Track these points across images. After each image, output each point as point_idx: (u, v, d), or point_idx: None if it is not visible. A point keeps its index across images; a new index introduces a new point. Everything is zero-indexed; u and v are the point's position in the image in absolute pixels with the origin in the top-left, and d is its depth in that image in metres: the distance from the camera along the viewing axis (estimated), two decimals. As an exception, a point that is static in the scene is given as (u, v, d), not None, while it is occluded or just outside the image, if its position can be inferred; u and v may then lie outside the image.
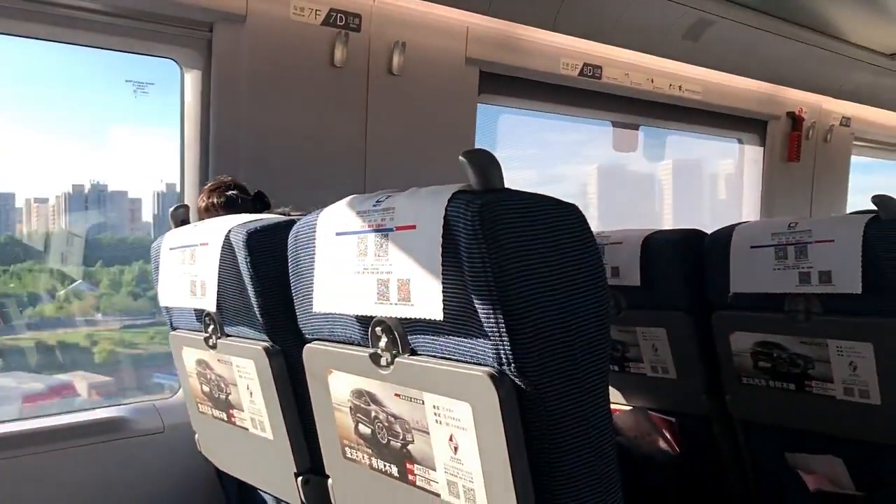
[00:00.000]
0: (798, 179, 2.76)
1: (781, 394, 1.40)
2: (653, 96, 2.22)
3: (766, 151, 2.67)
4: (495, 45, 1.80)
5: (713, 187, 2.93)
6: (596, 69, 2.01)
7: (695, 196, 2.89)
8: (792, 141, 2.65)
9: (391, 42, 1.61)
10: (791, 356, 1.38)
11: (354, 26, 1.56)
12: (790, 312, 1.36)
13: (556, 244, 0.69)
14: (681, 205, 2.81)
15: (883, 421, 1.28)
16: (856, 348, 1.29)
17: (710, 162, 2.91)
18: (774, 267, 1.37)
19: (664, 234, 1.57)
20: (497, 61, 1.83)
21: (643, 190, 2.84)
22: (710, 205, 2.93)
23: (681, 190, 2.81)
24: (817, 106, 2.73)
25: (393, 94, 1.64)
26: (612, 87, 2.09)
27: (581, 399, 0.70)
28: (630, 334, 1.63)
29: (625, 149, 2.34)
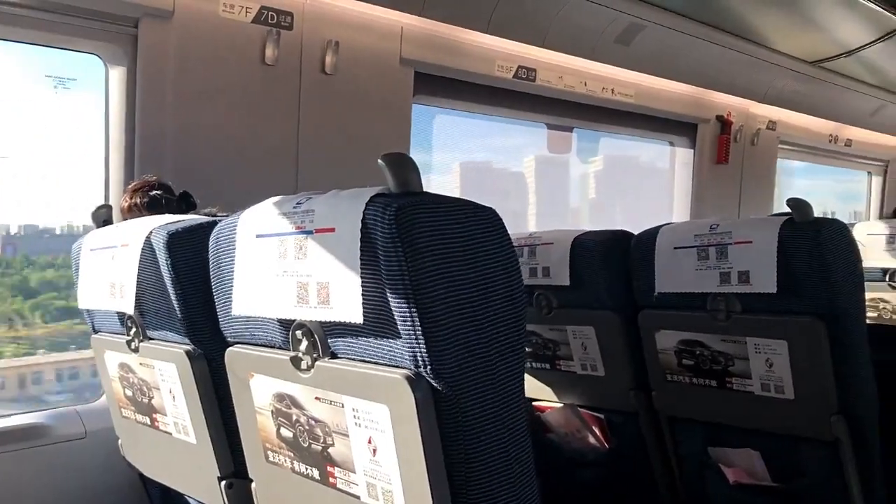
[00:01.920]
0: (727, 181, 2.85)
1: (704, 390, 1.45)
2: (586, 99, 2.26)
3: (697, 153, 2.75)
4: (430, 45, 1.80)
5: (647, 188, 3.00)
6: (530, 72, 2.04)
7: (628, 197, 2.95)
8: (721, 143, 2.74)
9: (324, 41, 1.60)
10: (713, 353, 1.43)
11: (286, 24, 1.54)
12: (712, 311, 1.41)
13: (473, 248, 0.70)
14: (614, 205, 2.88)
15: (796, 415, 1.34)
16: (771, 346, 1.34)
17: (643, 163, 2.98)
18: (697, 267, 1.41)
19: (593, 234, 1.60)
20: (432, 62, 1.83)
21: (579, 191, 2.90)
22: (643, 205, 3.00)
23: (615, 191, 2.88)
24: (745, 110, 2.82)
25: (326, 94, 1.63)
26: (547, 89, 2.12)
27: (496, 401, 0.71)
28: (561, 333, 1.66)
29: (559, 151, 2.38)
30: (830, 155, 3.62)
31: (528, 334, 1.72)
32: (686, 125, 2.70)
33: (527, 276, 1.67)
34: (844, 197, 4.44)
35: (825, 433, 1.31)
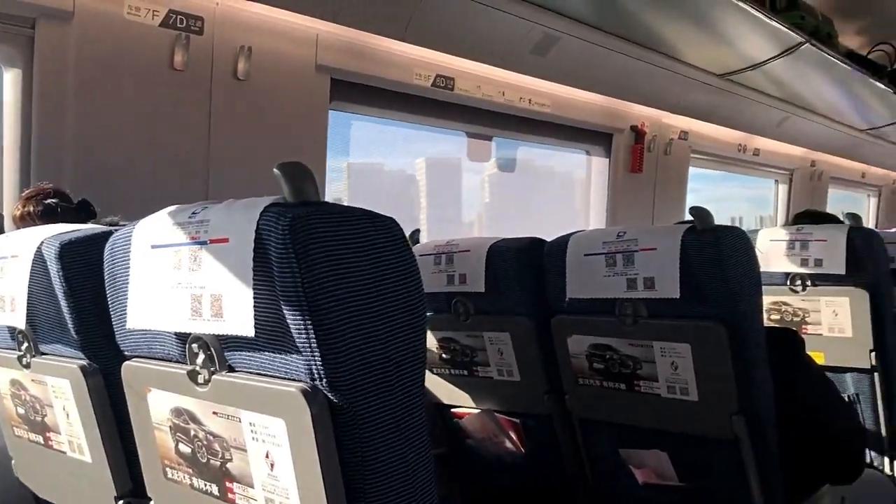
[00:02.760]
0: (641, 189, 2.94)
1: (614, 393, 1.49)
2: (504, 108, 2.29)
3: (612, 163, 2.82)
4: (347, 52, 1.80)
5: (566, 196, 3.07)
6: (449, 81, 2.06)
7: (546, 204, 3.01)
8: (635, 153, 2.82)
9: (236, 47, 1.57)
10: (622, 357, 1.47)
11: (196, 29, 1.50)
12: (620, 316, 1.45)
13: (371, 258, 0.70)
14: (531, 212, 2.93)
15: (700, 415, 1.39)
16: (676, 349, 1.39)
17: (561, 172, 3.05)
18: (605, 273, 1.45)
19: (508, 242, 1.62)
20: (349, 69, 1.82)
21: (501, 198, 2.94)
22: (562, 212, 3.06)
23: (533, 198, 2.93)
24: (658, 120, 2.92)
25: (239, 100, 1.60)
26: (465, 98, 2.14)
27: (395, 412, 0.71)
28: (478, 339, 1.68)
29: (478, 159, 2.40)
30: (739, 164, 3.78)
31: (445, 341, 1.73)
32: (601, 135, 2.77)
33: (444, 283, 1.68)
34: (762, 203, 4.65)
35: (726, 432, 1.36)
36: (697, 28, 2.39)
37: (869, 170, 5.22)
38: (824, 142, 4.10)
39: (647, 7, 2.16)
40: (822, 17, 2.86)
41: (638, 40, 2.38)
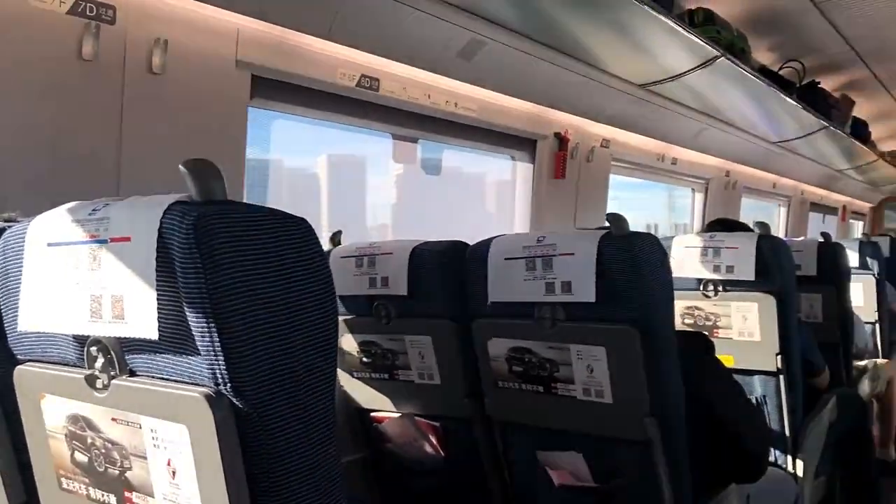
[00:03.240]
0: (564, 195, 2.99)
1: (532, 395, 1.51)
2: (430, 111, 2.29)
3: (536, 168, 2.86)
4: (269, 49, 1.76)
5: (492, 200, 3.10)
6: (374, 81, 2.04)
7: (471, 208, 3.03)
8: (558, 160, 2.87)
9: (151, 39, 1.51)
10: (540, 360, 1.48)
11: (108, 18, 1.44)
12: (539, 320, 1.46)
13: (280, 259, 0.68)
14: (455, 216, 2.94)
15: (614, 418, 1.42)
16: (592, 352, 1.42)
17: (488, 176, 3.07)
18: (525, 277, 1.46)
19: (431, 245, 1.62)
20: (271, 66, 1.78)
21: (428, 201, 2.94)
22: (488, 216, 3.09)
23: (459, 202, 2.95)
24: (581, 128, 2.98)
25: (153, 94, 1.54)
26: (390, 99, 2.13)
27: (304, 419, 0.69)
28: (399, 343, 1.67)
29: (404, 161, 2.40)
30: (659, 172, 3.90)
31: (366, 344, 1.71)
32: (526, 141, 2.81)
33: (366, 285, 1.67)
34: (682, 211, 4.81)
35: (638, 434, 1.39)
36: (620, 39, 2.45)
37: (780, 180, 5.48)
38: (738, 153, 4.28)
39: (572, 17, 2.21)
40: (737, 32, 2.98)
41: (563, 49, 2.42)
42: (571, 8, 2.14)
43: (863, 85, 4.61)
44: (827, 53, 3.93)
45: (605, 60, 2.60)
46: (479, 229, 3.08)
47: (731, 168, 4.51)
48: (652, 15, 2.16)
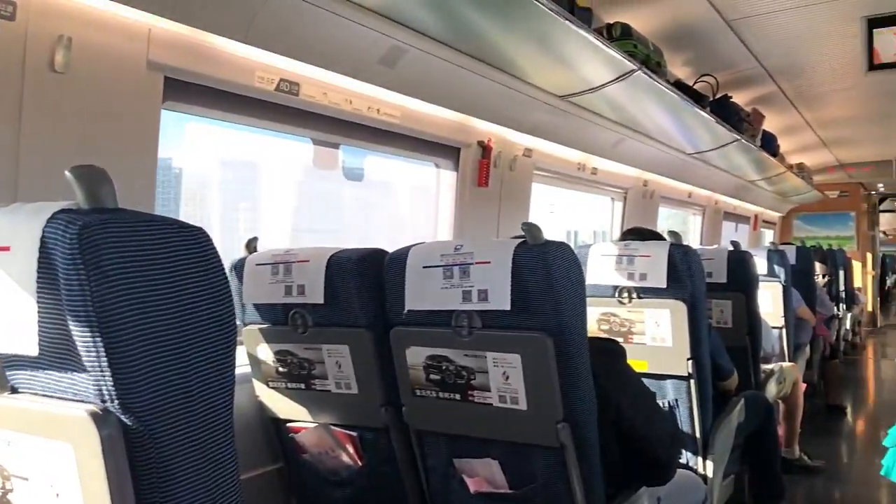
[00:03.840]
0: (487, 203, 3.02)
1: (449, 403, 1.51)
2: (352, 117, 2.27)
3: (459, 176, 2.88)
4: (183, 50, 1.70)
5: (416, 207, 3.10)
6: (293, 86, 2.01)
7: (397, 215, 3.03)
8: (481, 168, 2.89)
9: (54, 36, 1.44)
10: (457, 368, 1.49)
11: (7, 14, 1.37)
12: (456, 328, 1.47)
13: (173, 270, 0.66)
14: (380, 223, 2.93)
15: (529, 424, 1.44)
16: (507, 359, 1.43)
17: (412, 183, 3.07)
18: (442, 286, 1.47)
19: (348, 252, 1.61)
20: (185, 68, 1.73)
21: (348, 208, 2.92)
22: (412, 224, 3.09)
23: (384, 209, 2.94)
24: (504, 137, 3.01)
25: (57, 95, 1.47)
26: (311, 104, 2.10)
27: (199, 434, 0.67)
28: (316, 352, 1.65)
29: (325, 167, 2.37)
30: (579, 182, 3.98)
31: (282, 354, 1.68)
32: (450, 148, 2.82)
33: (282, 293, 1.64)
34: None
35: (552, 440, 1.42)
36: (540, 50, 2.48)
37: (695, 191, 5.68)
38: (655, 163, 4.41)
39: (494, 27, 2.23)
40: (654, 47, 3.08)
41: (485, 59, 2.44)
42: (493, 19, 2.16)
43: (772, 100, 4.84)
44: (738, 69, 4.11)
45: (527, 71, 2.63)
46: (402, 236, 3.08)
47: (648, 178, 4.65)
48: (571, 28, 2.20)
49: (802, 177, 6.92)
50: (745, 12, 3.28)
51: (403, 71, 2.19)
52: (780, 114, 5.22)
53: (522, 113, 2.89)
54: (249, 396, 1.78)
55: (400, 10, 2.00)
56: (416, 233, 3.05)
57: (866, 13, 3.37)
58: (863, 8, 3.32)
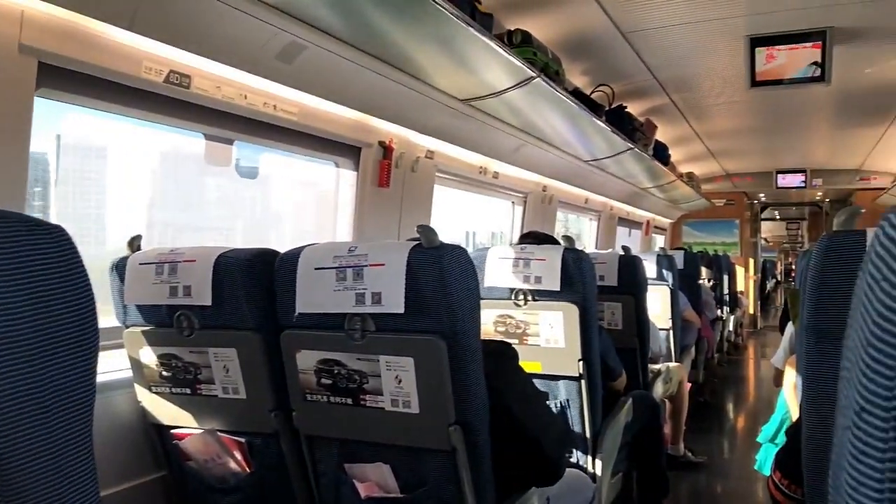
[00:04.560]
0: (388, 204, 3.00)
1: (340, 408, 1.49)
2: (247, 112, 2.20)
3: (360, 176, 2.85)
4: (61, 36, 1.60)
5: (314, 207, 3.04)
6: (184, 78, 1.92)
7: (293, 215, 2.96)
8: (382, 168, 2.87)
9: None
10: (349, 372, 1.47)
11: None
12: (349, 331, 1.45)
13: (27, 273, 0.61)
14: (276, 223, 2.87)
15: (421, 428, 1.44)
16: (400, 363, 1.42)
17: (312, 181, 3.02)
18: (335, 288, 1.44)
19: (238, 252, 1.55)
20: (63, 54, 1.62)
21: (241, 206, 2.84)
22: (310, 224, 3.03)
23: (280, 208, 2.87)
24: (406, 138, 3.00)
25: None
26: (203, 98, 2.02)
27: (56, 453, 0.62)
28: (202, 356, 1.59)
29: (217, 163, 2.29)
30: (481, 185, 4.03)
31: (167, 357, 1.61)
32: (350, 148, 2.78)
33: (166, 294, 1.57)
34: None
35: (444, 443, 1.42)
36: (442, 53, 2.49)
37: (592, 196, 5.87)
38: (554, 169, 4.52)
39: (396, 29, 2.21)
40: (553, 55, 3.15)
41: (387, 59, 2.43)
42: (395, 19, 2.15)
43: (664, 111, 5.06)
44: (633, 81, 4.27)
45: (429, 73, 2.64)
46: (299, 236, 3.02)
47: (547, 184, 4.76)
48: (472, 33, 2.22)
49: (692, 185, 7.28)
50: (639, 26, 3.41)
51: (302, 67, 2.15)
52: (672, 124, 5.47)
53: (424, 115, 2.89)
54: (131, 402, 1.70)
55: (299, 7, 1.95)
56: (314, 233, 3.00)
57: (749, 32, 3.58)
58: (746, 27, 3.52)
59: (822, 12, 3.31)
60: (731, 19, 3.38)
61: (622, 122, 4.32)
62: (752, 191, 9.36)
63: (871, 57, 3.88)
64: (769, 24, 3.46)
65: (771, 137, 6.45)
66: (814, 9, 3.27)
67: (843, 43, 3.57)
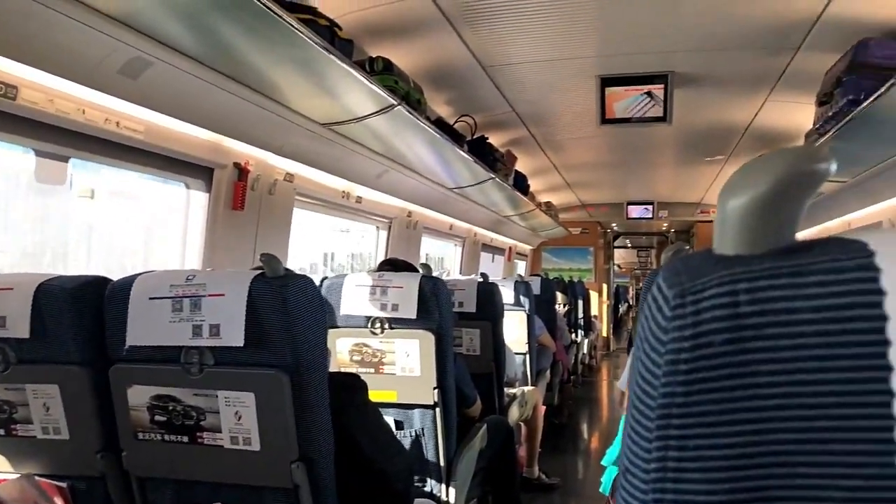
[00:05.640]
0: (244, 228, 2.90)
1: (176, 447, 1.40)
2: (85, 128, 2.05)
3: (212, 198, 2.73)
4: None
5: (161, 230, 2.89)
6: (10, 89, 1.77)
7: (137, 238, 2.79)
8: (237, 190, 2.77)
9: None
10: (185, 408, 1.39)
11: None
12: (186, 365, 1.37)
13: None
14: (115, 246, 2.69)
15: (263, 465, 1.38)
16: (240, 398, 1.36)
17: (160, 203, 2.86)
18: (171, 319, 1.37)
19: (63, 280, 1.44)
20: None
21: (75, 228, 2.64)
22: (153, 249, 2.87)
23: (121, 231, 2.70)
24: (263, 160, 2.92)
25: None
26: (33, 111, 1.86)
27: None
28: (19, 392, 1.45)
29: (51, 181, 2.11)
30: (344, 209, 4.00)
31: (-23, 396, 1.45)
32: (203, 168, 2.67)
33: (-23, 326, 1.42)
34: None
35: (286, 481, 1.36)
36: (302, 76, 2.45)
37: (456, 223, 5.98)
38: (419, 196, 4.57)
39: (252, 49, 2.15)
40: (414, 84, 3.19)
41: (242, 79, 2.36)
42: (251, 40, 2.09)
43: (523, 143, 5.25)
44: (494, 113, 4.41)
45: (287, 96, 2.59)
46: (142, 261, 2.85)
47: (413, 209, 4.79)
48: (329, 58, 2.20)
49: (550, 214, 7.59)
50: (499, 61, 3.53)
51: (149, 84, 2.04)
52: (531, 156, 5.68)
53: (283, 137, 2.83)
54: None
55: (146, 21, 1.86)
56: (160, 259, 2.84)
57: (600, 73, 3.80)
58: (597, 68, 3.73)
59: (664, 58, 3.57)
60: (583, 59, 3.57)
61: (484, 153, 4.44)
62: (605, 220, 9.89)
63: (707, 100, 4.22)
64: (618, 65, 3.69)
65: (622, 171, 6.86)
66: (657, 54, 3.52)
67: (684, 86, 3.87)
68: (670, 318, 0.38)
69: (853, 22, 2.81)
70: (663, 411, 0.37)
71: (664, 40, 3.31)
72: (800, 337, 0.35)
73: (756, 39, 3.18)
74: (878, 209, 4.30)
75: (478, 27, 3.05)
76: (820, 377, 0.34)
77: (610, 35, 3.25)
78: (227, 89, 2.33)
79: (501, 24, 3.04)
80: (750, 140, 5.05)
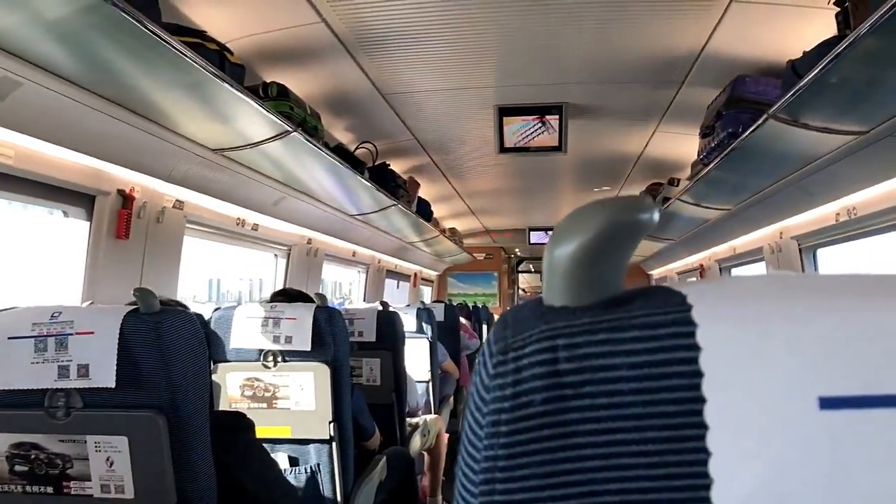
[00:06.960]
0: (129, 258, 2.75)
1: (39, 498, 1.29)
2: (-56, 153, 1.91)
3: (94, 227, 2.58)
4: None
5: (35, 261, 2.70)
6: None
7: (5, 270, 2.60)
8: (121, 218, 2.63)
9: None
10: (50, 456, 1.28)
11: None
12: (50, 409, 1.27)
13: None
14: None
15: (135, 514, 1.29)
16: (112, 443, 1.27)
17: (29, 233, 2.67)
18: (33, 360, 1.26)
19: None
20: None
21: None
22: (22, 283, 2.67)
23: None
24: (150, 188, 2.79)
25: None
26: None
27: None
28: None
29: None
30: (239, 237, 3.88)
31: None
32: (83, 196, 2.52)
33: None
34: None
35: (161, 529, 1.28)
36: (190, 101, 2.37)
37: (359, 249, 5.91)
38: (319, 223, 4.49)
39: (135, 72, 2.06)
40: (311, 110, 3.14)
41: (124, 103, 2.26)
42: (133, 63, 2.00)
43: (426, 170, 5.28)
44: (395, 140, 4.41)
45: (175, 120, 2.49)
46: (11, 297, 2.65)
47: (313, 237, 4.71)
48: (218, 83, 2.14)
49: (454, 240, 7.64)
50: (397, 89, 3.53)
51: (17, 106, 1.91)
52: (434, 183, 5.72)
53: (171, 163, 2.72)
54: None
55: (13, 40, 1.75)
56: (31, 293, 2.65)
57: (498, 103, 3.87)
58: (495, 98, 3.80)
59: (559, 89, 3.68)
60: (482, 90, 3.63)
61: (385, 179, 4.43)
62: (509, 246, 10.07)
63: (601, 131, 4.37)
64: (515, 96, 3.77)
65: (524, 198, 7.00)
66: (552, 86, 3.62)
67: (578, 117, 4.00)
68: (492, 377, 0.36)
69: (731, 59, 2.98)
70: (486, 475, 0.36)
71: (559, 72, 3.41)
72: (618, 395, 0.33)
73: (644, 73, 3.32)
74: (759, 235, 4.56)
75: (375, 56, 3.04)
76: (638, 436, 0.33)
77: (507, 66, 3.31)
78: (108, 113, 2.22)
79: (399, 54, 3.04)
80: (642, 169, 5.26)
